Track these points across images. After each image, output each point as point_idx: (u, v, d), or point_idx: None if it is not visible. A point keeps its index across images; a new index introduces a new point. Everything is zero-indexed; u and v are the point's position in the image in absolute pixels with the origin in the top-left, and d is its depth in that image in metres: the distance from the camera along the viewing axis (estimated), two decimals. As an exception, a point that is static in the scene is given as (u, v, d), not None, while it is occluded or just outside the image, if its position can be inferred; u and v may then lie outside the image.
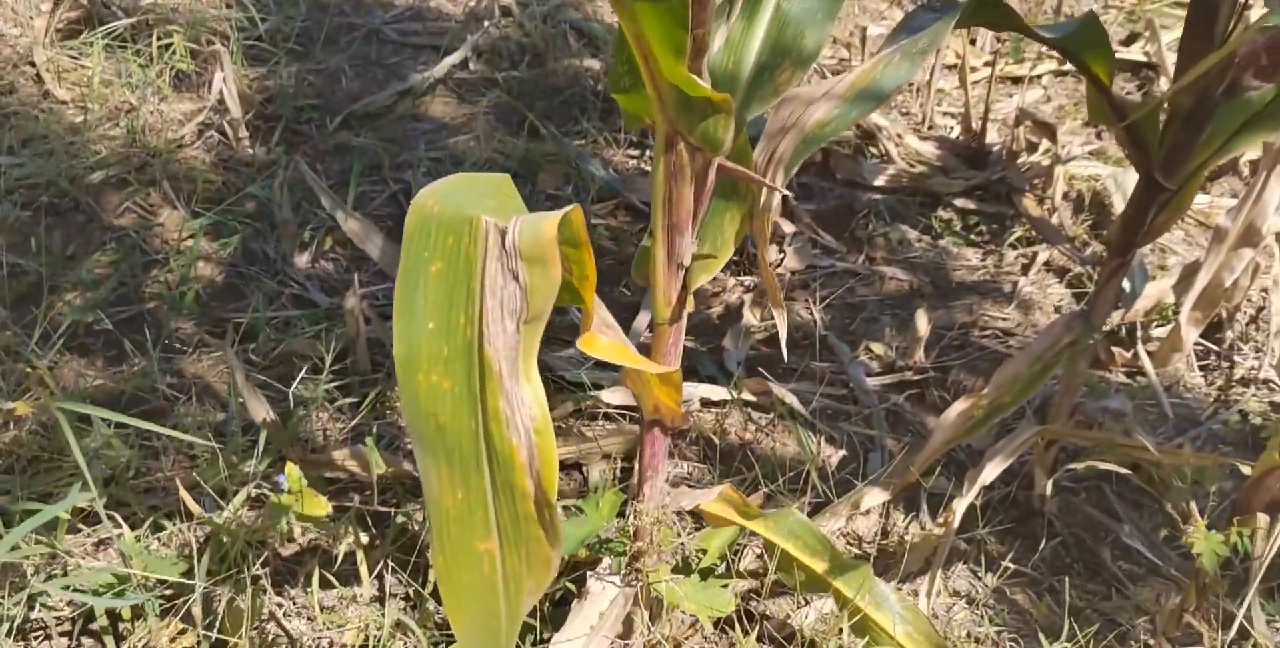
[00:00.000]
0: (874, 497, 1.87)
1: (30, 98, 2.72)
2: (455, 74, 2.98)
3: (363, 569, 1.69)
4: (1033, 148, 2.79)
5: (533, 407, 0.88)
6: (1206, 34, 1.47)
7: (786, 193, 1.08)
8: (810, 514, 1.88)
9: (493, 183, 0.95)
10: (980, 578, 1.87)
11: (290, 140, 2.72)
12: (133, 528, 1.74)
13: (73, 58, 2.81)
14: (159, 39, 2.79)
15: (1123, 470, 1.73)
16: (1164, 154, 1.56)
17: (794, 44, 1.09)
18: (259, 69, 2.88)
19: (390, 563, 1.75)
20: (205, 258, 2.36)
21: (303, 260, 2.37)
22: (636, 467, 1.45)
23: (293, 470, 1.61)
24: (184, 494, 1.62)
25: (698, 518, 1.77)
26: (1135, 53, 3.23)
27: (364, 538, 1.76)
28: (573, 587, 1.64)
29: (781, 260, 2.46)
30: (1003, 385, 1.78)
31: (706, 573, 1.51)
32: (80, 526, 1.79)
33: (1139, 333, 2.32)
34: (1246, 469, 1.77)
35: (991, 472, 1.81)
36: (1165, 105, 1.55)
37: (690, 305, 1.19)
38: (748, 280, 2.43)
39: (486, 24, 3.10)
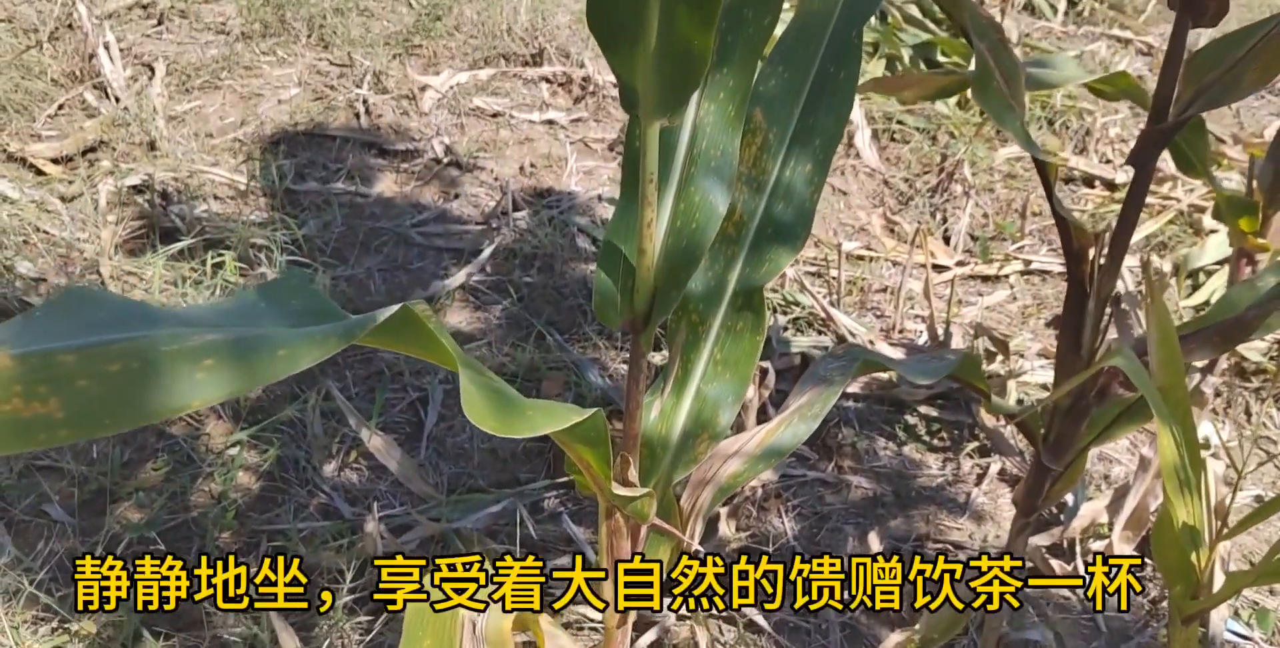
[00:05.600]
0: (822, 716, 2.12)
1: (97, 307, 3.08)
2: (473, 278, 3.33)
3: None
4: (991, 357, 3.08)
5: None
6: (1076, 348, 1.77)
7: (699, 548, 1.38)
8: (767, 730, 2.13)
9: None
10: None
11: (324, 347, 3.05)
12: (176, 742, 2.03)
13: (135, 270, 3.18)
14: (212, 257, 3.15)
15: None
16: (1050, 442, 1.84)
17: (711, 420, 1.40)
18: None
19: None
20: (245, 467, 2.68)
21: (330, 469, 2.68)
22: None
23: (313, 702, 1.89)
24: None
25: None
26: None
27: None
28: None
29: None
30: (930, 624, 2.04)
31: None
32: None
33: (1078, 548, 2.57)
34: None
35: (925, 698, 2.06)
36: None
37: (633, 615, 1.48)
38: (726, 489, 2.71)
39: (504, 231, 3.46)
